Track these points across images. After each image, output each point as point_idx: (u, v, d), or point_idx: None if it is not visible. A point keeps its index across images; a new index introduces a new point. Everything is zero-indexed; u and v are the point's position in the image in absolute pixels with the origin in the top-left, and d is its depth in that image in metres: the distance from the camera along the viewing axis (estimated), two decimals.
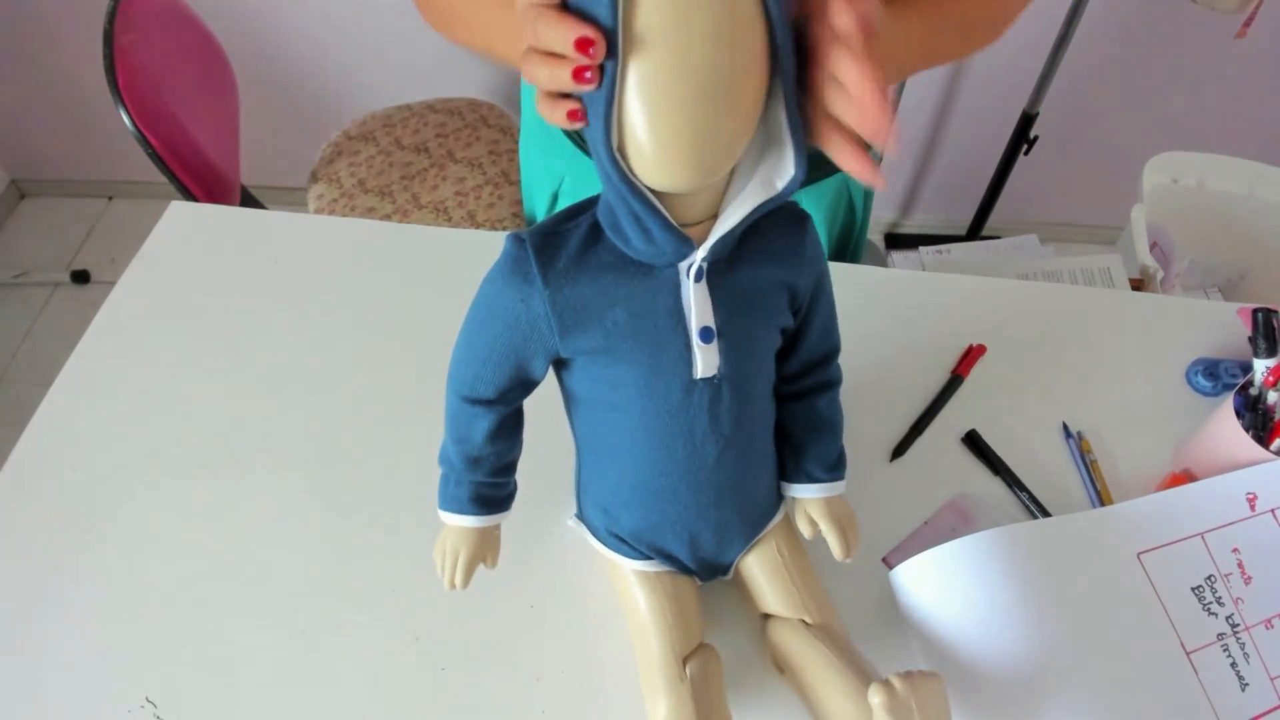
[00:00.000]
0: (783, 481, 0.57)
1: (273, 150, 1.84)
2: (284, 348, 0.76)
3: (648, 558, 0.56)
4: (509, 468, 0.54)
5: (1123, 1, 1.58)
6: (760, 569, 0.57)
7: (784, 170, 0.41)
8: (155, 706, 0.57)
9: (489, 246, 0.55)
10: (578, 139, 0.80)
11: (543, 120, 0.76)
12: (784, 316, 0.50)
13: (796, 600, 0.56)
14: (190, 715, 0.57)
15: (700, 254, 0.44)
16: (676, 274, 0.45)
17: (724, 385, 0.48)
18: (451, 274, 0.77)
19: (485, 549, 0.53)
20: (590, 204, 0.46)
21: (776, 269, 0.48)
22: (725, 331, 0.47)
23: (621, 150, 0.39)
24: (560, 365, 0.50)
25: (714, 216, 0.43)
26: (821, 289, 0.52)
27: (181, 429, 0.71)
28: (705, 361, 0.47)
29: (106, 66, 0.95)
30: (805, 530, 0.56)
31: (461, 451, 0.51)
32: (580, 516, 0.60)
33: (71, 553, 0.64)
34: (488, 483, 0.53)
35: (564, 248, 0.45)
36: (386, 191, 1.36)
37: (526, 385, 0.50)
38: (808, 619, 0.55)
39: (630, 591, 0.57)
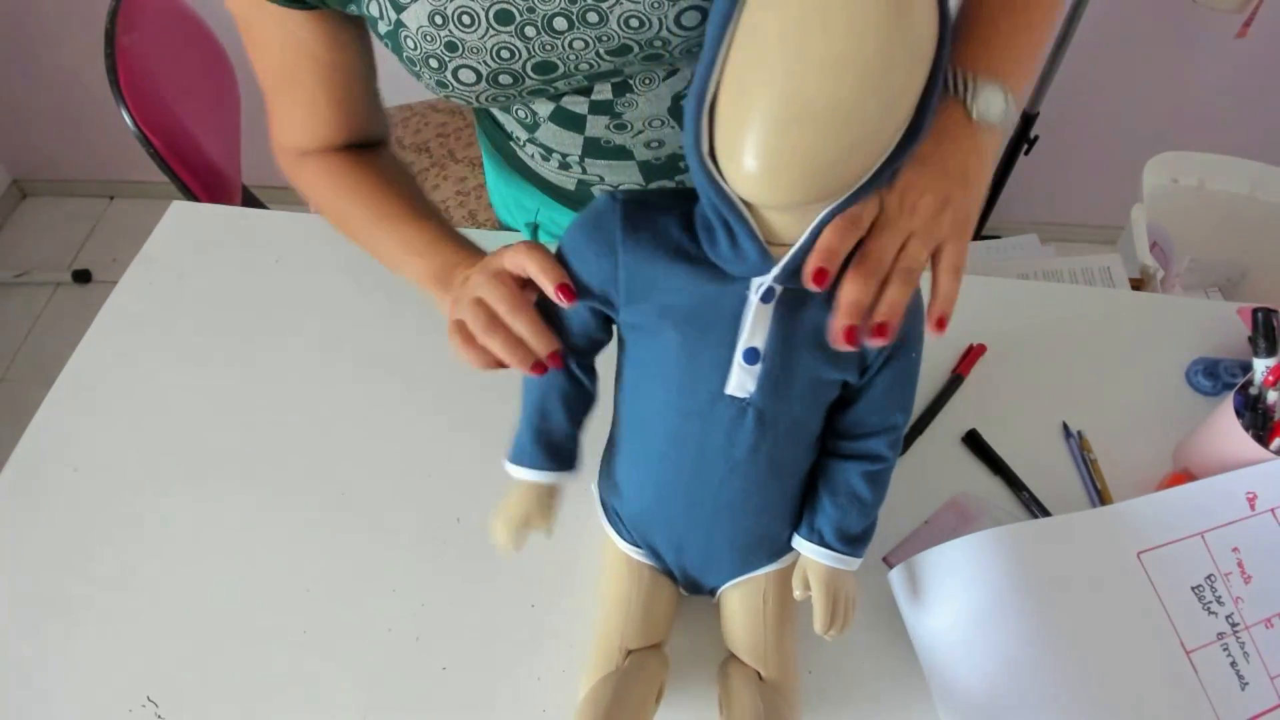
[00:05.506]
0: (794, 532, 0.55)
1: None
2: (285, 347, 0.76)
3: (637, 546, 0.57)
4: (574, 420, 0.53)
5: (1123, 1, 1.57)
6: (739, 607, 0.56)
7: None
8: (156, 706, 0.57)
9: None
10: (544, 185, 0.75)
11: (501, 163, 0.76)
12: (848, 370, 0.48)
13: (760, 651, 0.54)
14: (191, 715, 0.57)
15: (771, 274, 0.43)
16: (748, 287, 0.44)
17: (750, 411, 0.47)
18: None
19: (542, 508, 0.53)
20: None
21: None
22: (771, 360, 0.46)
23: (713, 154, 0.39)
24: (619, 337, 0.51)
25: None
26: (898, 360, 0.49)
27: (183, 429, 0.71)
28: (739, 380, 0.46)
29: (108, 66, 0.95)
30: (797, 589, 0.53)
31: (532, 399, 0.52)
32: (599, 484, 0.61)
33: (72, 552, 0.64)
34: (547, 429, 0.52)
35: (654, 222, 0.45)
36: None
37: (593, 342, 0.51)
38: (763, 673, 0.54)
39: (611, 569, 0.58)
